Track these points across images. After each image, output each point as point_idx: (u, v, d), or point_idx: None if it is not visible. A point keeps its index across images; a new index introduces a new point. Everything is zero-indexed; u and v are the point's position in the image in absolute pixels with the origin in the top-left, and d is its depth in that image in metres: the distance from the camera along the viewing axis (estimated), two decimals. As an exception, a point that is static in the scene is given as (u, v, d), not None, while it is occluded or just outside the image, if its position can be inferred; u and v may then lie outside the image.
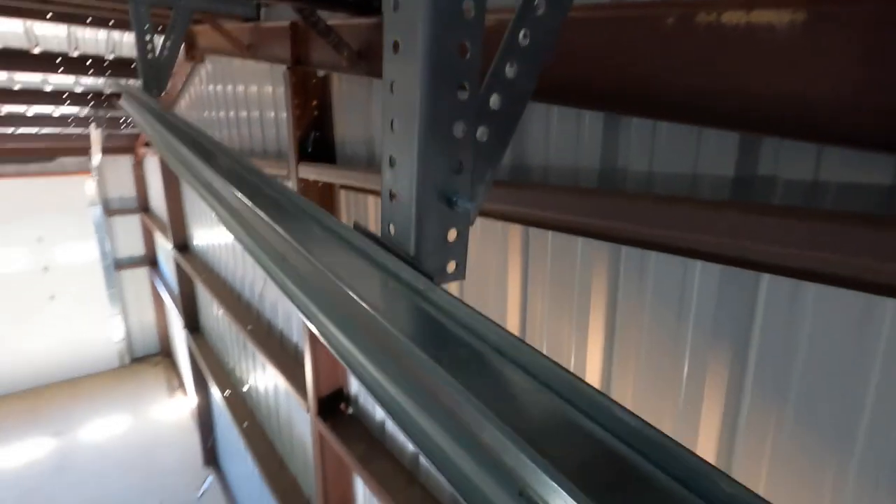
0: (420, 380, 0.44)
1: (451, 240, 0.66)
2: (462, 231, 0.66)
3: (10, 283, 10.24)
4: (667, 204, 1.30)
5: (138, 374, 11.16)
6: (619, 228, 1.47)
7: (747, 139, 1.23)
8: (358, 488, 3.53)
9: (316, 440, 3.49)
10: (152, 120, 1.68)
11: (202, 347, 7.03)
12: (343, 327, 0.56)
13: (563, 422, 0.38)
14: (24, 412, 9.76)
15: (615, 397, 1.60)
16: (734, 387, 1.29)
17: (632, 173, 1.51)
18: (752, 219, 1.13)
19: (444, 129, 0.58)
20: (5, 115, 7.91)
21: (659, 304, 1.47)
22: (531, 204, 1.69)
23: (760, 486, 1.25)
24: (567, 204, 1.57)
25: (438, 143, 0.58)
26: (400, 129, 0.59)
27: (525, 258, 1.91)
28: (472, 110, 0.58)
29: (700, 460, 0.35)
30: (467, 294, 2.21)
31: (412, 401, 0.44)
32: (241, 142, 4.64)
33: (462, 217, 0.63)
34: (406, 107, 0.56)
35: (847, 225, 0.95)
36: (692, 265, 1.36)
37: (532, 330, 1.91)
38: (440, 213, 0.64)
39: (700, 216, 1.22)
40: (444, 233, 0.65)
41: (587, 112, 1.59)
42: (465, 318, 0.50)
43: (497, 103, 0.59)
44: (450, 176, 0.62)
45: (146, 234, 11.30)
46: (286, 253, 0.67)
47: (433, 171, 0.60)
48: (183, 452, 8.33)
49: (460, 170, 0.63)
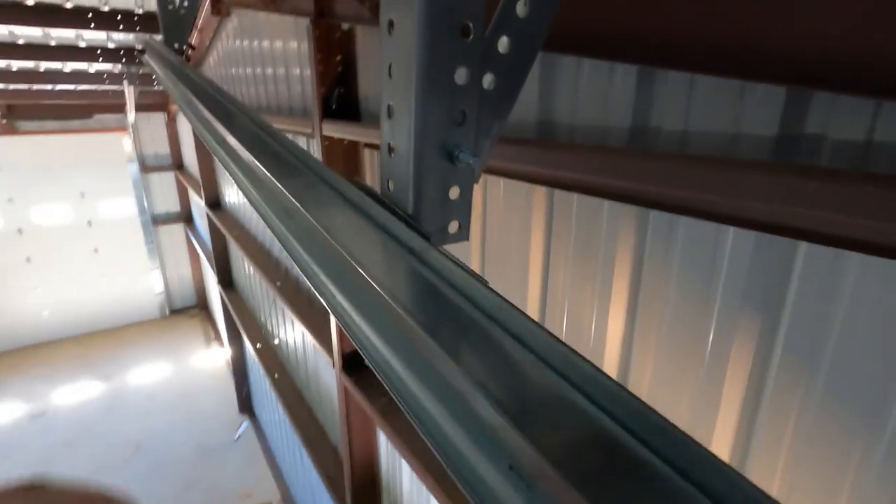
0: (410, 346, 0.42)
1: (453, 198, 0.61)
2: (465, 189, 0.61)
3: (58, 236, 10.78)
4: (701, 165, 1.22)
5: (177, 325, 11.73)
6: (648, 191, 1.40)
7: (796, 94, 1.12)
8: (381, 440, 3.66)
9: (341, 394, 3.60)
10: (168, 72, 1.66)
11: (235, 302, 7.29)
12: (337, 285, 0.53)
13: (555, 398, 0.35)
14: (77, 357, 10.47)
15: (635, 369, 1.57)
16: (760, 360, 1.23)
17: (665, 132, 1.42)
18: (793, 182, 1.05)
19: (445, 76, 0.52)
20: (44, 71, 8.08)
21: (686, 272, 1.40)
22: (557, 165, 1.62)
23: (779, 464, 1.22)
24: (595, 165, 1.50)
25: (438, 91, 0.53)
26: (398, 76, 0.54)
27: (549, 221, 1.85)
28: (476, 55, 0.52)
29: (702, 449, 0.32)
30: (489, 258, 2.18)
31: (402, 366, 0.42)
32: (267, 99, 4.61)
33: (465, 173, 0.58)
34: (404, 50, 0.51)
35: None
36: (724, 231, 1.29)
37: (553, 296, 1.87)
38: (441, 169, 0.58)
39: (737, 179, 1.14)
40: (444, 190, 0.60)
41: (620, 65, 1.49)
42: (459, 283, 0.47)
43: (506, 47, 0.53)
44: (451, 128, 0.56)
45: (181, 190, 11.60)
46: (288, 208, 0.65)
47: (433, 122, 0.54)
48: (220, 399, 8.81)
49: (463, 121, 0.57)
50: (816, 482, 1.15)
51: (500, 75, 0.55)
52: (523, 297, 2.00)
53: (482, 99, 0.55)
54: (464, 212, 0.61)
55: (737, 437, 1.31)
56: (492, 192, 2.08)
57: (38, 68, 7.84)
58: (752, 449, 1.28)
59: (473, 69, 0.53)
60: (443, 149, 0.56)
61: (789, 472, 1.20)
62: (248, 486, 7.02)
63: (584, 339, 1.76)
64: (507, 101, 0.56)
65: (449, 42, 0.48)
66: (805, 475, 1.17)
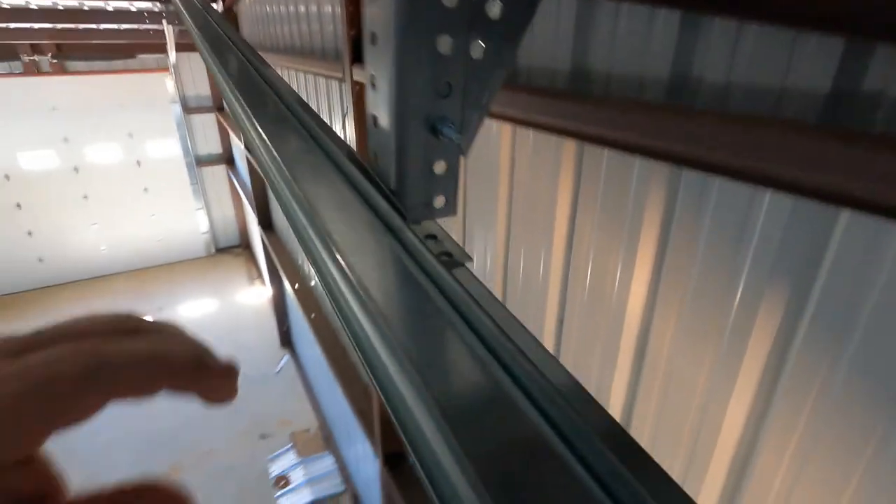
0: (366, 326, 0.42)
1: (438, 172, 0.58)
2: (452, 163, 0.57)
3: (110, 175, 11.29)
4: (742, 125, 1.13)
5: (222, 264, 12.32)
6: (683, 151, 1.31)
7: (856, 46, 1.00)
8: (408, 382, 3.82)
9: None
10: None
11: (274, 243, 7.54)
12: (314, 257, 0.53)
13: (490, 398, 0.34)
14: (133, 290, 11.24)
15: (654, 335, 1.54)
16: (785, 331, 1.18)
17: (706, 84, 1.31)
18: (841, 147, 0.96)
19: (427, 44, 0.48)
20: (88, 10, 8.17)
21: (716, 236, 1.34)
22: (589, 120, 1.54)
23: (792, 441, 1.19)
24: (628, 121, 1.41)
25: (419, 60, 0.48)
26: (379, 44, 0.50)
27: (577, 177, 1.78)
28: (462, 21, 0.48)
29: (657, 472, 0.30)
30: (515, 213, 2.14)
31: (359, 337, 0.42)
32: (300, 40, 4.52)
33: (450, 148, 0.55)
34: (383, 17, 0.47)
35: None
36: (760, 195, 1.21)
37: (578, 256, 1.83)
38: (425, 144, 0.55)
39: (780, 141, 1.05)
40: (429, 165, 0.57)
41: (662, 10, 1.36)
42: (428, 267, 0.45)
43: (497, 11, 0.48)
44: (435, 100, 0.53)
45: (222, 132, 11.79)
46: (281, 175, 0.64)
47: (414, 94, 0.51)
48: (262, 333, 9.35)
49: (448, 93, 0.53)
50: (829, 462, 1.13)
51: (490, 42, 0.50)
52: (548, 251, 1.97)
53: (470, 69, 0.51)
54: (450, 186, 0.58)
55: (751, 412, 1.29)
56: (520, 144, 2.01)
57: (82, 6, 7.92)
58: (766, 425, 1.26)
59: (459, 38, 0.48)
60: (426, 123, 0.53)
61: (801, 450, 1.18)
62: (288, 415, 7.55)
63: (605, 300, 1.74)
64: (498, 70, 0.51)
65: (429, 8, 0.44)
66: (818, 455, 1.15)
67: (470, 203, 2.46)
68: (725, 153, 1.18)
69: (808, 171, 1.03)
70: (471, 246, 2.54)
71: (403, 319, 0.39)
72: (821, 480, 1.15)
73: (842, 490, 1.11)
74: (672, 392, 1.54)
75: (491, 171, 2.20)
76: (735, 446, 1.36)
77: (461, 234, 2.61)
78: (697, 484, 1.50)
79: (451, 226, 2.71)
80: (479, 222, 2.41)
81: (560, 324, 2.03)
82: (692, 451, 1.51)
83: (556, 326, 2.05)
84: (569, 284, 1.92)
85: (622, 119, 1.43)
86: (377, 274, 0.43)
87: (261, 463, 6.75)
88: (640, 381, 1.67)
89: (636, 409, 1.71)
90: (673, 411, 1.55)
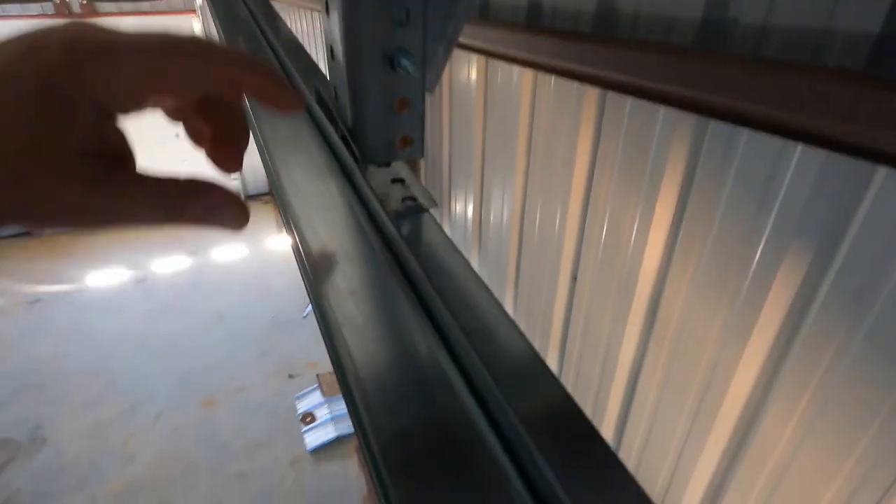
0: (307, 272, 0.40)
1: (398, 110, 0.52)
2: (415, 100, 0.52)
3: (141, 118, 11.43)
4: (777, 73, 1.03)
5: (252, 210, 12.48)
6: (712, 100, 1.22)
7: (914, -21, 0.88)
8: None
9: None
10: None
11: (300, 191, 7.62)
12: (278, 188, 0.51)
13: (424, 367, 0.33)
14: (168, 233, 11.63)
15: (668, 292, 1.50)
16: (804, 293, 1.13)
17: (742, 26, 1.20)
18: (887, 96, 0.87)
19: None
20: (112, -53, 8.02)
21: (740, 190, 1.26)
22: (613, 65, 1.45)
23: (800, 407, 1.16)
24: (654, 67, 1.32)
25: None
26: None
27: (598, 126, 1.70)
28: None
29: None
30: (533, 161, 2.07)
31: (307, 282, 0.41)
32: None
33: (411, 83, 0.50)
34: None
35: None
36: (790, 148, 1.12)
37: (595, 208, 1.78)
38: (382, 77, 0.49)
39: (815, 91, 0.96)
40: (388, 101, 0.51)
41: (699, -61, 1.23)
42: (376, 215, 0.43)
43: None
44: (391, 28, 0.47)
45: (250, 78, 11.71)
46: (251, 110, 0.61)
47: (366, 20, 0.45)
48: (289, 280, 9.62)
49: (406, 21, 0.47)
50: (834, 431, 1.10)
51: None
52: (566, 199, 1.91)
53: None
54: (414, 125, 0.53)
55: (760, 376, 1.26)
56: (541, 92, 1.92)
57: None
58: (774, 390, 1.23)
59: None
60: (382, 54, 0.48)
61: (807, 416, 1.15)
62: (314, 358, 7.87)
63: (622, 251, 1.69)
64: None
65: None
66: (824, 422, 1.12)
67: (489, 153, 2.40)
68: (758, 103, 1.09)
69: (849, 123, 0.95)
70: (488, 196, 2.50)
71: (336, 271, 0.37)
72: (823, 448, 1.13)
73: (844, 459, 1.09)
74: (682, 350, 1.52)
75: (511, 121, 2.12)
76: (741, 408, 1.34)
77: (479, 186, 2.56)
78: (700, 444, 1.50)
79: (467, 178, 2.65)
80: (498, 174, 2.35)
81: (573, 280, 2.00)
82: (697, 409, 1.50)
83: (569, 282, 2.02)
84: (586, 227, 1.87)
85: (649, 63, 1.34)
86: (319, 218, 0.41)
87: (289, 400, 7.12)
88: (650, 337, 1.65)
89: (645, 362, 1.70)
90: (682, 369, 1.54)
